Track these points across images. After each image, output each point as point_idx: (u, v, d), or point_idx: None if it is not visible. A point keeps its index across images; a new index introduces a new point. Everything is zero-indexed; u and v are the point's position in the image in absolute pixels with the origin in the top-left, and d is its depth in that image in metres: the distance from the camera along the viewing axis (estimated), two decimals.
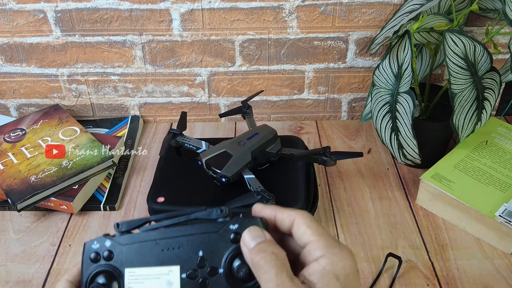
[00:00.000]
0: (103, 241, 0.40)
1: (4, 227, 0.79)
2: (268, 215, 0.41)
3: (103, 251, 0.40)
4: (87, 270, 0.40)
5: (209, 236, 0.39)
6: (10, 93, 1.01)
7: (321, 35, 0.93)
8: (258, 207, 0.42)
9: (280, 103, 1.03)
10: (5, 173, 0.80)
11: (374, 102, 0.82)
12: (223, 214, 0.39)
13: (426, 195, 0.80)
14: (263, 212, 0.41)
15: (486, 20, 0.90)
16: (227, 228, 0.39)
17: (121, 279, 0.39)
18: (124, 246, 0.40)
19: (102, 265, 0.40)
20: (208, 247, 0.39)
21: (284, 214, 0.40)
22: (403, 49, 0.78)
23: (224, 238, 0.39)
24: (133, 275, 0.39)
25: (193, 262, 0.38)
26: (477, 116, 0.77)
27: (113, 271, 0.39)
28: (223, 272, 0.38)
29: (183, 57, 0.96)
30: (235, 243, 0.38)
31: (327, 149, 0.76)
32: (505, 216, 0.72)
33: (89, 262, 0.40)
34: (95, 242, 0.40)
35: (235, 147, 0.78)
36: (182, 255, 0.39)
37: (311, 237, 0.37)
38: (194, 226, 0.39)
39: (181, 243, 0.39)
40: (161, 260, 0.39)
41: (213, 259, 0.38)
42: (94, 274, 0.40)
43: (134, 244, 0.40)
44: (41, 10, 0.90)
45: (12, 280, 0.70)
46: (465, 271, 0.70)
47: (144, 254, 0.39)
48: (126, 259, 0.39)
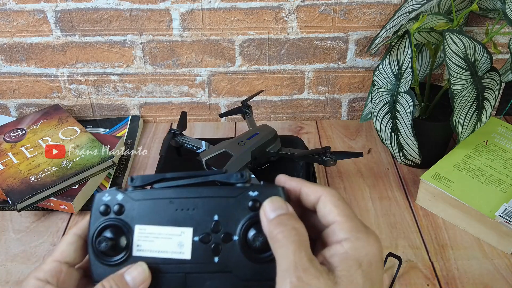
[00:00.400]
0: (114, 194, 0.38)
1: (4, 227, 0.79)
2: (293, 187, 0.39)
3: (114, 204, 0.38)
4: (95, 222, 0.38)
5: (226, 201, 0.37)
6: (10, 93, 1.01)
7: (321, 35, 0.93)
8: (283, 178, 0.40)
9: (280, 103, 1.03)
10: (5, 173, 0.80)
11: (374, 102, 0.82)
12: (243, 179, 0.37)
13: (426, 195, 0.80)
14: (288, 184, 0.39)
15: (486, 20, 0.90)
16: (246, 194, 0.37)
17: (130, 235, 0.37)
18: (136, 201, 0.38)
19: (112, 218, 0.38)
20: (224, 211, 0.37)
21: (310, 188, 0.38)
22: (403, 49, 0.78)
23: (241, 204, 0.37)
24: (143, 232, 0.38)
25: (207, 226, 0.37)
26: (477, 116, 0.77)
27: (122, 226, 0.38)
28: (238, 239, 0.36)
29: (183, 57, 0.96)
30: (253, 211, 0.36)
31: (327, 149, 0.76)
32: (505, 216, 0.72)
33: (98, 215, 0.38)
34: (106, 194, 0.38)
35: (235, 147, 0.78)
36: (196, 217, 0.37)
37: (337, 217, 0.35)
38: (212, 188, 0.37)
39: (196, 204, 0.37)
40: (174, 220, 0.37)
41: (228, 225, 0.37)
42: (102, 227, 0.38)
43: (147, 200, 0.38)
44: (41, 10, 0.90)
45: (12, 280, 0.70)
46: (465, 271, 0.70)
47: (157, 212, 0.37)
48: (138, 215, 0.38)
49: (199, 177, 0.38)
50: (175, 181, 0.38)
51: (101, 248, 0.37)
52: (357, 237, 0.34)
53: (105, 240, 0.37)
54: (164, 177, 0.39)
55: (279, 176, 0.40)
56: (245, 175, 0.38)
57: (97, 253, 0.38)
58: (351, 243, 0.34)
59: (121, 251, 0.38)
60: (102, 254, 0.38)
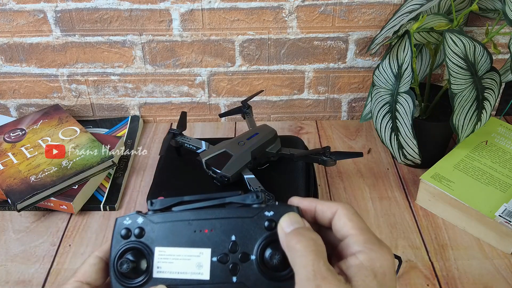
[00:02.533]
0: (135, 218, 0.40)
1: (4, 227, 0.79)
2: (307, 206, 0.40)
3: (135, 227, 0.39)
4: (116, 245, 0.39)
5: (242, 221, 0.38)
6: (10, 93, 1.01)
7: (321, 35, 0.93)
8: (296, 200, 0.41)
9: (280, 103, 1.03)
10: (5, 173, 0.80)
11: (374, 102, 0.82)
12: (259, 200, 0.39)
13: (426, 195, 0.80)
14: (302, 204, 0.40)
15: (486, 20, 0.90)
16: (261, 214, 0.38)
17: (150, 257, 0.39)
18: (156, 224, 0.39)
19: (133, 241, 0.39)
20: (241, 232, 0.38)
21: (325, 205, 0.39)
22: (403, 49, 0.78)
23: (258, 225, 0.38)
24: (163, 254, 0.39)
25: (225, 246, 0.38)
26: (477, 116, 0.77)
27: (143, 248, 0.39)
28: (255, 259, 0.37)
29: (183, 57, 0.96)
30: (269, 231, 0.37)
31: (327, 149, 0.76)
32: (505, 216, 0.72)
33: (120, 238, 0.39)
34: (127, 218, 0.40)
35: (235, 147, 0.78)
36: (214, 238, 0.38)
37: (351, 231, 0.37)
38: (228, 209, 0.39)
39: (214, 225, 0.38)
40: (193, 241, 0.38)
41: (245, 244, 0.38)
42: (123, 250, 0.39)
43: (167, 223, 0.39)
44: (41, 10, 0.90)
45: (12, 280, 0.70)
46: (465, 271, 0.70)
47: (176, 234, 0.39)
48: (157, 238, 0.39)
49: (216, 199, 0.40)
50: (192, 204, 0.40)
51: (122, 270, 0.38)
52: (371, 249, 0.35)
53: (126, 262, 0.38)
54: (182, 200, 0.40)
55: (292, 198, 0.41)
56: (261, 196, 0.39)
57: (118, 275, 0.39)
58: (365, 255, 0.35)
59: (142, 273, 0.39)
60: (123, 276, 0.39)
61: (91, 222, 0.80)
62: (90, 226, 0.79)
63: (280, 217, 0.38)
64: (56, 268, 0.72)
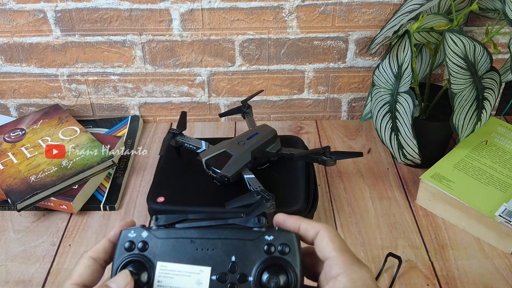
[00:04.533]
0: (140, 232, 0.41)
1: (4, 227, 0.79)
2: (292, 224, 0.41)
3: (139, 241, 0.40)
4: (119, 257, 0.40)
5: (243, 243, 0.40)
6: (10, 93, 1.01)
7: (321, 35, 0.93)
8: (282, 217, 0.42)
9: (280, 103, 1.03)
10: (5, 173, 0.80)
11: (374, 102, 0.82)
12: (260, 223, 0.40)
13: (426, 195, 0.80)
14: (287, 222, 0.42)
15: (486, 20, 0.90)
16: (262, 238, 0.40)
17: (152, 271, 0.40)
18: (160, 239, 0.40)
19: (136, 254, 0.40)
20: (241, 253, 0.39)
21: (309, 225, 0.41)
22: (403, 49, 0.78)
23: (257, 247, 0.39)
24: (164, 269, 0.40)
25: (225, 266, 0.39)
26: (477, 116, 0.77)
27: (145, 262, 0.40)
28: (253, 280, 0.39)
29: (183, 57, 0.96)
30: (268, 254, 0.39)
31: (327, 149, 0.76)
32: (505, 216, 0.72)
33: (123, 250, 0.40)
34: (132, 231, 0.41)
35: (235, 147, 0.78)
36: (215, 257, 0.40)
37: (332, 253, 0.38)
38: (231, 230, 0.40)
39: (215, 245, 0.40)
40: (194, 259, 0.40)
41: (244, 266, 0.39)
42: (126, 262, 0.40)
43: (170, 239, 0.40)
44: (41, 10, 0.90)
45: (12, 280, 0.70)
46: (465, 271, 0.70)
47: (179, 250, 0.40)
48: (160, 253, 0.40)
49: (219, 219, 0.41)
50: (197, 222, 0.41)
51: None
52: (352, 269, 0.37)
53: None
54: (187, 218, 0.42)
55: (278, 215, 0.43)
56: (262, 220, 0.40)
57: None
58: (347, 276, 0.37)
59: (142, 285, 0.40)
60: None
61: (91, 222, 0.80)
62: (90, 226, 0.79)
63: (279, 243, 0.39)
64: (56, 268, 0.72)
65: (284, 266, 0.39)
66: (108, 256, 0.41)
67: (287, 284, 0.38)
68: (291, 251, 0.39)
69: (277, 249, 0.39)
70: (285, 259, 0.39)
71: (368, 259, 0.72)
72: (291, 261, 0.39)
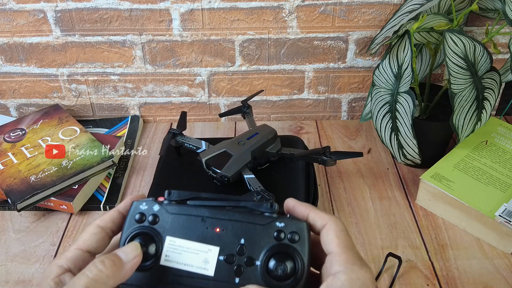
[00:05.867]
0: (151, 205, 0.41)
1: (4, 227, 0.79)
2: (301, 212, 0.41)
3: (150, 214, 0.40)
4: (129, 228, 0.40)
5: (254, 227, 0.39)
6: (10, 93, 1.01)
7: (321, 35, 0.93)
8: (292, 203, 0.42)
9: (280, 103, 1.03)
10: (5, 173, 0.80)
11: (374, 102, 0.82)
12: (272, 209, 0.40)
13: (426, 195, 0.80)
14: (296, 209, 0.41)
15: (486, 20, 0.90)
16: (273, 224, 0.39)
17: (160, 244, 0.40)
18: (171, 214, 0.40)
19: (145, 227, 0.40)
20: (250, 237, 0.39)
21: (317, 215, 0.40)
22: (403, 49, 0.78)
23: (267, 233, 0.39)
24: (173, 244, 0.40)
25: (233, 248, 0.39)
26: (477, 116, 0.77)
27: (154, 235, 0.40)
28: (260, 265, 0.38)
29: (183, 57, 0.96)
30: (277, 241, 0.39)
31: (327, 149, 0.76)
32: (505, 216, 0.72)
33: (133, 221, 0.40)
34: (143, 203, 0.41)
35: (235, 147, 0.78)
36: (224, 238, 0.39)
37: (335, 248, 0.38)
38: (242, 213, 0.40)
39: (226, 226, 0.40)
40: (204, 237, 0.40)
41: (253, 250, 0.39)
42: (135, 233, 0.40)
43: (182, 215, 0.40)
44: (41, 10, 0.90)
45: (12, 280, 0.70)
46: (465, 271, 0.70)
47: (189, 227, 0.40)
48: (170, 228, 0.40)
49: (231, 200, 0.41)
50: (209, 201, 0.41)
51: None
52: (352, 269, 0.36)
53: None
54: (200, 196, 0.41)
55: (288, 200, 0.42)
56: (274, 206, 0.40)
57: None
58: (346, 276, 0.36)
59: (150, 258, 0.40)
60: None
61: (91, 222, 0.79)
62: None
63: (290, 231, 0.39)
64: None
65: (292, 254, 0.38)
66: (115, 226, 0.41)
67: (294, 272, 0.38)
68: (300, 240, 0.39)
69: (287, 237, 0.39)
70: (294, 247, 0.39)
71: (368, 259, 0.72)
72: (299, 250, 0.39)
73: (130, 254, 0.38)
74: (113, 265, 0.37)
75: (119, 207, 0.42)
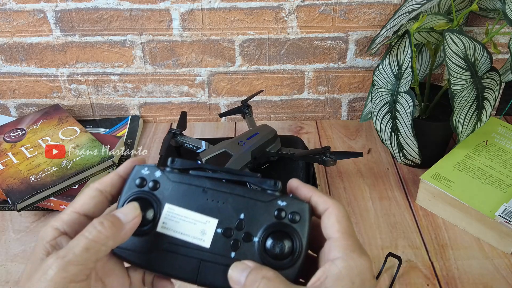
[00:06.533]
0: (153, 170, 0.40)
1: (4, 227, 0.79)
2: (304, 194, 0.40)
3: (151, 179, 0.40)
4: (129, 191, 0.40)
5: (254, 203, 0.39)
6: (10, 93, 1.01)
7: (321, 35, 0.93)
8: (296, 183, 0.41)
9: (280, 103, 1.03)
10: (5, 173, 0.80)
11: (374, 102, 0.82)
12: (275, 187, 0.39)
13: (426, 195, 0.80)
14: (299, 191, 0.41)
15: (486, 20, 0.90)
16: (274, 202, 0.39)
17: (158, 211, 0.39)
18: (172, 182, 0.40)
19: (145, 192, 0.40)
20: (250, 212, 0.39)
21: (320, 198, 0.39)
22: (403, 49, 0.78)
23: (268, 210, 0.39)
24: (171, 212, 0.39)
25: (232, 221, 0.39)
26: (477, 116, 0.77)
27: (153, 201, 0.39)
28: (257, 241, 0.38)
29: (183, 57, 0.96)
30: (277, 219, 0.38)
31: (327, 149, 0.76)
32: (505, 216, 0.72)
33: (133, 185, 0.40)
34: (145, 168, 0.40)
35: (235, 147, 0.78)
36: (224, 211, 0.39)
37: (336, 234, 0.37)
38: (244, 188, 0.39)
39: (226, 199, 0.39)
40: (203, 208, 0.39)
41: (251, 225, 0.38)
42: (134, 197, 0.39)
43: (183, 184, 0.40)
44: (41, 10, 0.90)
45: (12, 280, 0.70)
46: (465, 271, 0.70)
47: (189, 197, 0.39)
48: (170, 195, 0.40)
49: (234, 174, 0.40)
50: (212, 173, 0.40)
51: None
52: (351, 256, 0.36)
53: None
54: (203, 167, 0.41)
55: (292, 180, 0.41)
56: (277, 184, 0.40)
57: None
58: (344, 262, 0.35)
59: (147, 223, 0.39)
60: None
61: None
62: None
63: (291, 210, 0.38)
64: None
65: (291, 234, 0.38)
66: (115, 190, 0.40)
67: (291, 253, 0.38)
68: (301, 221, 0.38)
69: (288, 216, 0.38)
70: (294, 228, 0.38)
71: None
72: (299, 231, 0.38)
73: (129, 214, 0.37)
74: (112, 226, 0.36)
75: (119, 170, 0.40)
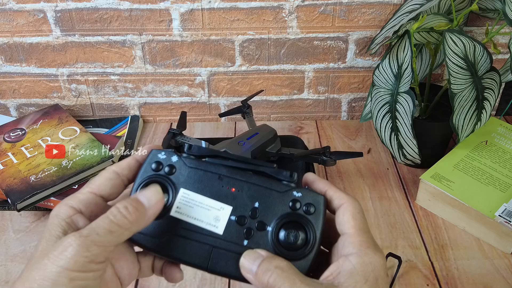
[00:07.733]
0: (170, 155, 0.40)
1: (4, 227, 0.79)
2: (320, 188, 0.40)
3: (167, 164, 0.40)
4: (144, 174, 0.40)
5: (270, 193, 0.39)
6: (10, 93, 1.01)
7: (321, 35, 0.93)
8: (312, 177, 0.41)
9: (280, 103, 1.03)
10: (5, 173, 0.80)
11: (374, 102, 0.82)
12: (291, 178, 0.39)
13: (426, 195, 0.80)
14: (315, 184, 0.41)
15: (486, 20, 0.90)
16: (290, 193, 0.39)
17: (173, 195, 0.39)
18: (188, 167, 0.40)
19: (161, 175, 0.40)
20: (265, 202, 0.39)
21: (335, 194, 0.39)
22: (403, 49, 0.78)
23: (283, 201, 0.39)
24: (186, 197, 0.39)
25: (246, 210, 0.39)
26: (477, 116, 0.77)
27: (168, 185, 0.39)
28: (271, 231, 0.38)
29: (183, 57, 0.96)
30: (292, 210, 0.38)
31: (327, 149, 0.77)
32: (505, 216, 0.72)
33: (149, 169, 0.40)
34: (162, 153, 0.40)
35: (235, 147, 0.78)
36: (238, 199, 0.39)
37: (350, 229, 0.37)
38: (260, 178, 0.40)
39: (242, 187, 0.39)
40: (218, 195, 0.39)
41: (266, 214, 0.39)
42: (150, 180, 0.39)
43: (199, 170, 0.40)
44: (41, 10, 0.90)
45: (12, 280, 0.70)
46: (465, 271, 0.70)
47: (205, 183, 0.39)
48: (186, 180, 0.40)
49: (250, 164, 0.40)
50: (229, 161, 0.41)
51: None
52: (365, 252, 0.35)
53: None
54: (219, 154, 0.41)
55: (308, 174, 0.42)
56: (294, 176, 0.40)
57: None
58: (359, 258, 0.35)
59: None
60: None
61: None
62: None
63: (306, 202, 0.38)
64: None
65: (305, 225, 0.38)
66: (131, 174, 0.40)
67: (304, 244, 0.38)
68: (316, 213, 0.38)
69: (302, 208, 0.38)
70: (308, 219, 0.38)
71: None
72: (313, 223, 0.38)
73: (152, 199, 0.37)
74: (136, 211, 0.36)
75: (137, 155, 0.40)
